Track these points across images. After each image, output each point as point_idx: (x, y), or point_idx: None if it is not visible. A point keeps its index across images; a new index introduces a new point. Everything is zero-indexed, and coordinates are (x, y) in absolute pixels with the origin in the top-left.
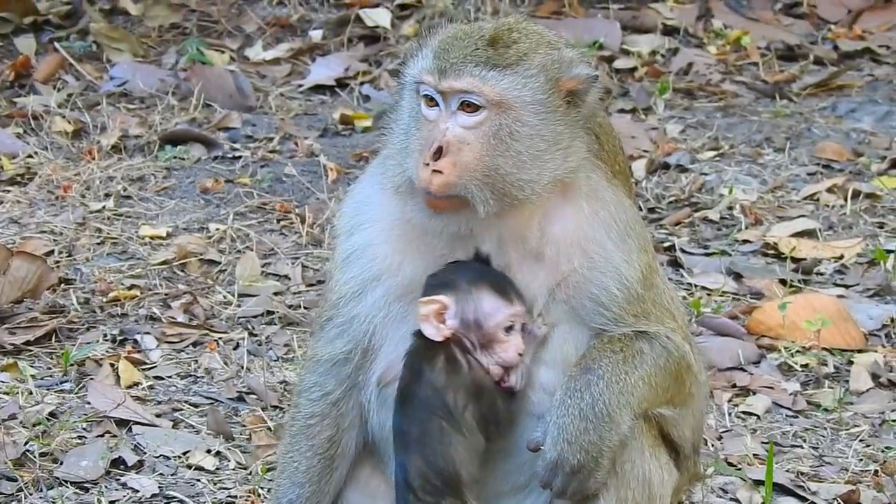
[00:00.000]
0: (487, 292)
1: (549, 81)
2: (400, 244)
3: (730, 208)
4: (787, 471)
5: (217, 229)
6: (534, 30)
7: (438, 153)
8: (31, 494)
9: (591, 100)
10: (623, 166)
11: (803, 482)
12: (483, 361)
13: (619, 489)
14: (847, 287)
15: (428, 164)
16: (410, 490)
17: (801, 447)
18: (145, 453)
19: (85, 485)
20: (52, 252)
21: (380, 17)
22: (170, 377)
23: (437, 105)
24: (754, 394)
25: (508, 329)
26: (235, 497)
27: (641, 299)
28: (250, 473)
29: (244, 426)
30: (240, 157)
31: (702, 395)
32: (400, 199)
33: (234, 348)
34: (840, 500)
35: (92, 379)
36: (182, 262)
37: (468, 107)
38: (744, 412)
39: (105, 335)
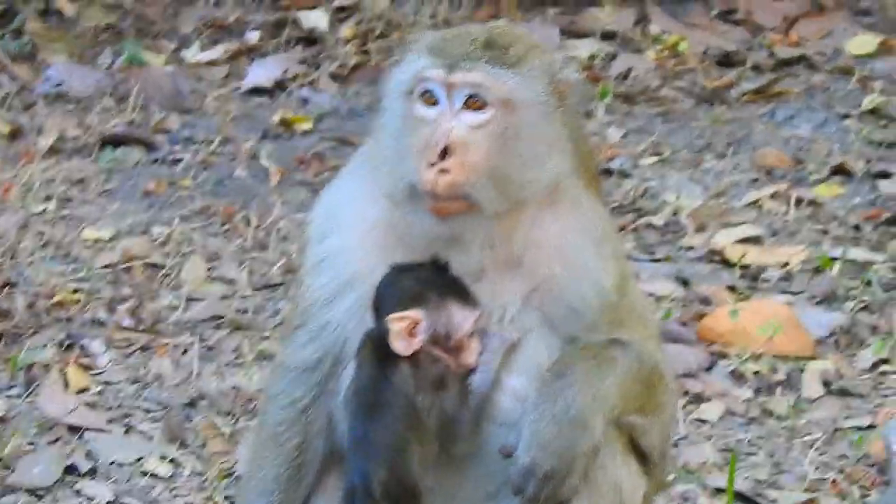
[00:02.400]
0: (456, 304)
1: (549, 83)
2: (376, 249)
3: (674, 214)
4: (745, 478)
5: (161, 232)
6: (522, 33)
7: (444, 153)
8: None
9: (576, 105)
10: (596, 173)
11: (762, 490)
12: (448, 364)
13: (591, 496)
14: (794, 294)
15: (433, 165)
16: (371, 499)
17: (757, 455)
18: (98, 460)
19: (38, 492)
20: None
21: (317, 20)
22: (119, 382)
23: (437, 104)
24: (708, 401)
25: (471, 335)
26: None
27: (616, 307)
28: (206, 480)
29: (197, 432)
30: (180, 159)
31: (671, 402)
32: (387, 203)
33: (184, 353)
34: None
35: (41, 384)
36: (126, 265)
37: (474, 104)
38: (698, 419)
39: (52, 339)
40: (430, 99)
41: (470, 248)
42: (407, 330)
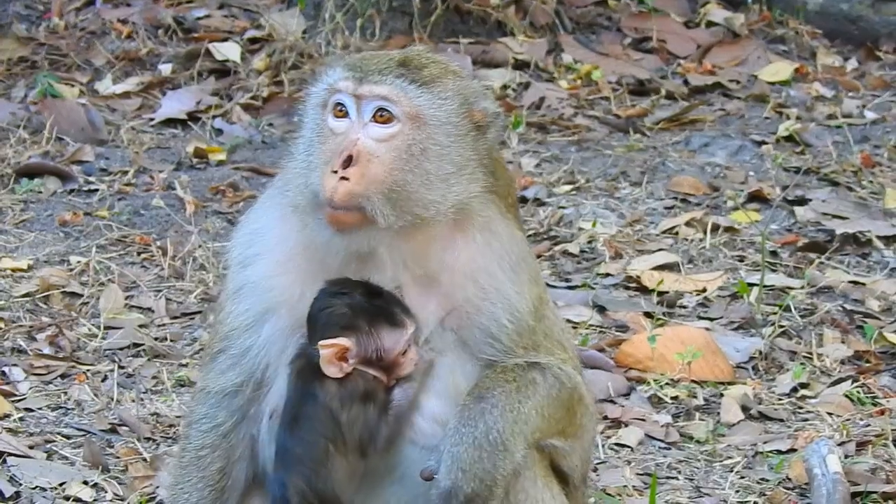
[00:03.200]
0: (387, 328)
1: (461, 107)
2: (300, 274)
3: (589, 242)
4: (665, 502)
5: (78, 262)
6: (439, 59)
7: (348, 162)
8: None
9: (492, 135)
10: (514, 200)
11: None
12: (381, 379)
13: None
14: (711, 320)
15: (335, 172)
16: None
17: (677, 479)
18: (21, 485)
19: None
20: None
21: (229, 51)
22: (40, 409)
23: (346, 116)
24: (626, 426)
25: (405, 352)
26: None
27: (532, 331)
28: None
29: (118, 458)
30: (96, 189)
31: (591, 425)
32: (300, 221)
33: (103, 380)
34: None
35: None
36: (45, 294)
37: (381, 117)
38: (617, 444)
39: None
40: (340, 111)
41: (383, 266)
42: (336, 356)
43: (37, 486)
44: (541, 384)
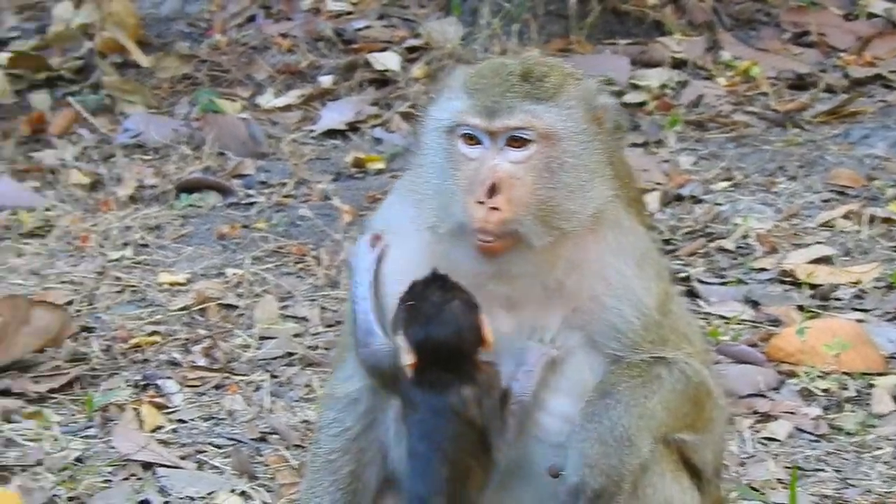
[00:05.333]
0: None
1: (587, 112)
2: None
3: (744, 237)
4: (811, 494)
5: (234, 274)
6: (555, 62)
7: (492, 191)
8: None
9: (611, 129)
10: (636, 194)
11: None
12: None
13: None
14: (866, 311)
15: (482, 203)
16: None
17: (825, 471)
18: (170, 495)
19: None
20: (72, 301)
21: (388, 61)
22: (193, 420)
23: (479, 144)
24: (776, 419)
25: None
26: None
27: (659, 325)
28: None
29: (267, 466)
30: (255, 202)
31: (722, 419)
32: (432, 238)
33: (256, 390)
34: None
35: (116, 424)
36: (201, 307)
37: (516, 142)
38: (766, 438)
39: (127, 381)
40: (471, 140)
41: (515, 280)
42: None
43: (185, 496)
44: (666, 379)
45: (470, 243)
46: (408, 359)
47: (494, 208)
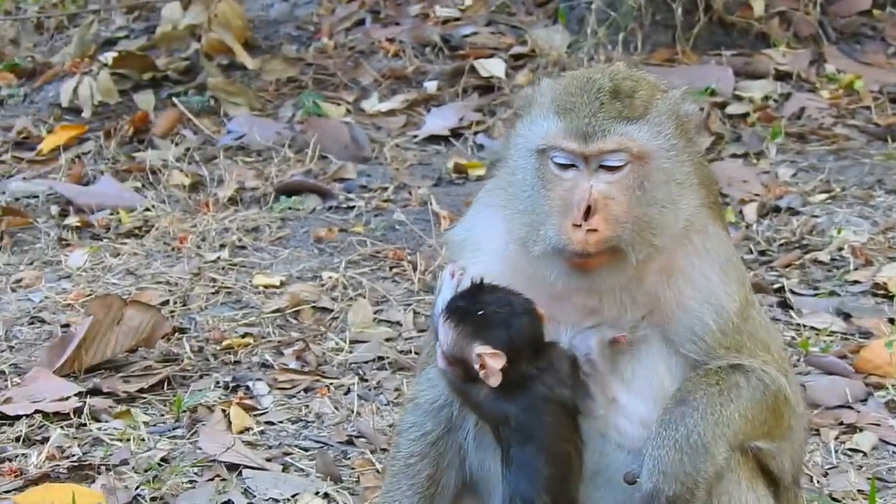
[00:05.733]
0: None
1: (675, 125)
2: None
3: (840, 250)
4: None
5: (330, 277)
6: (640, 75)
7: (588, 213)
8: None
9: (696, 135)
10: (717, 198)
11: None
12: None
13: None
14: None
15: (579, 226)
16: None
17: None
18: (255, 496)
19: None
20: (167, 302)
21: (494, 67)
22: (281, 422)
23: (573, 167)
24: (861, 431)
25: None
26: None
27: (738, 331)
28: None
29: (353, 469)
30: (354, 206)
31: (800, 427)
32: (518, 249)
33: (346, 393)
34: None
35: (204, 425)
36: (295, 309)
37: (610, 164)
38: (850, 449)
39: (217, 382)
40: (565, 163)
41: (604, 293)
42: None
43: (270, 498)
44: (744, 387)
45: (562, 259)
46: (497, 363)
47: (592, 230)
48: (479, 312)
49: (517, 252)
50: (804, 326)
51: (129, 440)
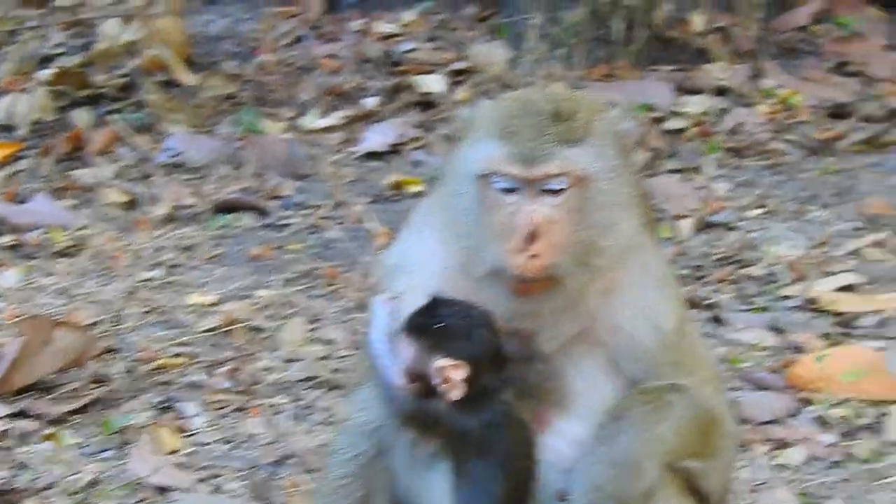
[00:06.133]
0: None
1: (615, 144)
2: None
3: (773, 265)
4: None
5: (264, 295)
6: (580, 96)
7: (531, 238)
8: None
9: (633, 152)
10: (651, 215)
11: None
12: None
13: None
14: (888, 339)
15: (521, 250)
16: None
17: (836, 498)
18: None
19: None
20: (98, 322)
21: (434, 84)
22: (212, 443)
23: (514, 191)
24: (791, 446)
25: None
26: None
27: (676, 349)
28: None
29: (284, 489)
30: (290, 224)
31: (730, 447)
32: (456, 271)
33: (277, 413)
34: None
35: (133, 446)
36: (228, 328)
37: (552, 188)
38: (780, 464)
39: (149, 403)
40: (506, 187)
41: (545, 317)
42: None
43: None
44: (677, 405)
45: (503, 283)
46: (459, 375)
47: (534, 255)
48: (439, 325)
49: (455, 275)
50: (736, 342)
51: (56, 463)
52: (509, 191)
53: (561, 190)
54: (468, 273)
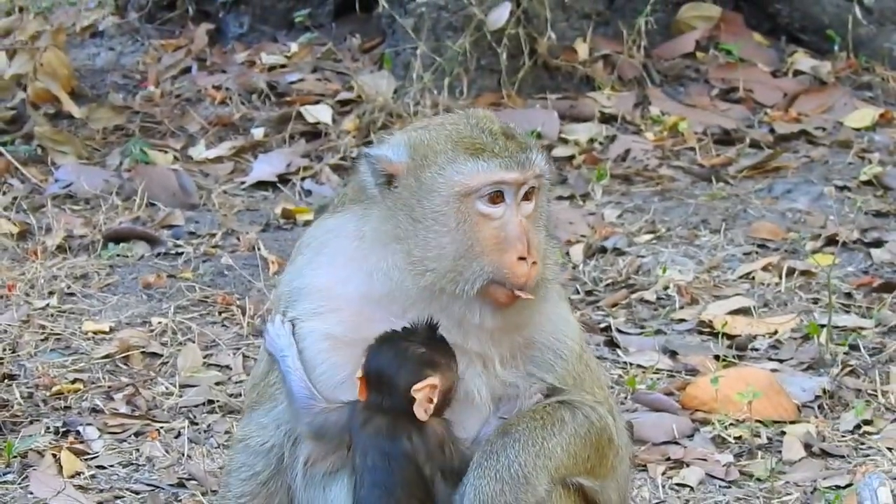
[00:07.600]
0: (454, 360)
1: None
2: (353, 331)
3: (665, 289)
4: None
5: (159, 323)
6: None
7: (530, 245)
8: None
9: None
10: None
11: None
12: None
13: None
14: (781, 361)
15: (523, 259)
16: None
17: None
18: None
19: None
20: None
21: (321, 114)
22: (112, 466)
23: (503, 202)
24: (688, 466)
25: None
26: None
27: (581, 362)
28: None
29: None
30: (182, 252)
31: (625, 465)
32: (372, 304)
33: (176, 437)
34: None
35: (34, 469)
36: (125, 355)
37: (530, 195)
38: (678, 484)
39: (48, 427)
40: (497, 198)
41: (502, 333)
42: (427, 398)
43: None
44: (569, 423)
45: (487, 299)
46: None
47: (534, 262)
48: (418, 350)
49: (367, 303)
50: (631, 364)
51: None
52: (497, 202)
53: (532, 194)
54: (445, 292)
